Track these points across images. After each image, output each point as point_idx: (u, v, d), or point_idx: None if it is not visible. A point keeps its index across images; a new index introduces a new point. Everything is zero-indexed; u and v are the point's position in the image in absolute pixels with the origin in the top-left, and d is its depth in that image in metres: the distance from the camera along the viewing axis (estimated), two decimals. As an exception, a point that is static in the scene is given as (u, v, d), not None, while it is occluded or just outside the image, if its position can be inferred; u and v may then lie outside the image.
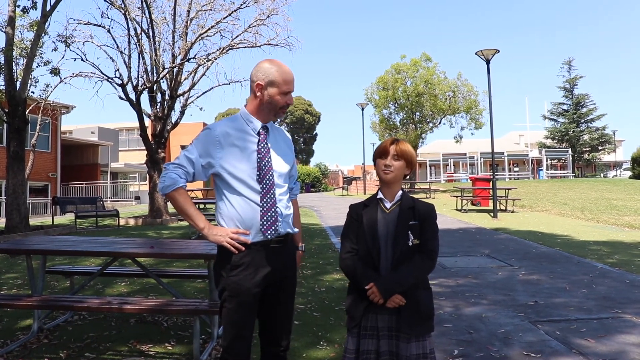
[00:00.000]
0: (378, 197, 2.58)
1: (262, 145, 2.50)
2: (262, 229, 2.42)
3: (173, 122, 17.65)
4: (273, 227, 2.44)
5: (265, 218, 2.43)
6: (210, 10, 17.91)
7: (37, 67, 14.68)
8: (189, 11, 17.28)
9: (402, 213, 2.50)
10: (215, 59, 17.47)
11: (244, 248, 2.40)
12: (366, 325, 2.47)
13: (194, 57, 17.38)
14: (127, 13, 15.73)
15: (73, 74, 16.26)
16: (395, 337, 2.43)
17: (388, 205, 2.54)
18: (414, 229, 2.47)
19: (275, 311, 2.57)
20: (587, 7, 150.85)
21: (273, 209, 2.45)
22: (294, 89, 2.54)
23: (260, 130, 2.53)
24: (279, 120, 2.72)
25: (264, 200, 2.44)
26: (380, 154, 2.56)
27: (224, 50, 17.51)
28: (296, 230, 2.67)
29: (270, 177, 2.47)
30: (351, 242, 2.56)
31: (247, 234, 2.42)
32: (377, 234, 2.49)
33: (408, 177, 2.70)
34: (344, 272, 2.59)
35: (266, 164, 2.48)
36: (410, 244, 2.45)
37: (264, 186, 2.45)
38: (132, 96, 16.21)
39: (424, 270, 2.47)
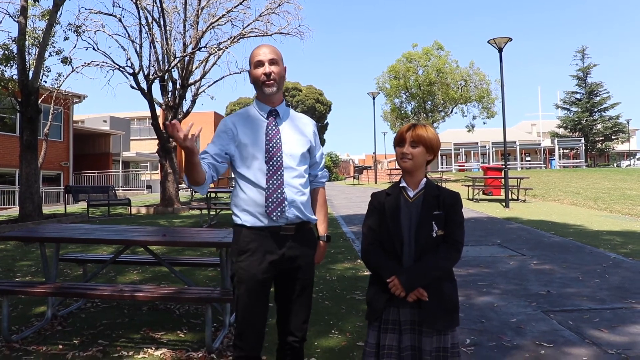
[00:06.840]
0: (401, 185, 2.45)
1: (270, 127, 2.55)
2: (267, 211, 2.43)
3: (184, 111, 17.66)
4: (279, 210, 2.43)
5: (270, 200, 2.44)
6: (221, -2, 17.87)
7: (49, 56, 14.64)
8: (200, 0, 17.24)
9: (426, 202, 2.37)
10: (227, 48, 17.49)
11: (174, 125, 2.10)
12: (387, 318, 2.36)
13: (205, 46, 17.40)
14: (138, 2, 15.72)
15: (85, 63, 16.35)
16: (418, 331, 2.32)
17: (411, 193, 2.41)
18: (438, 219, 2.34)
19: (289, 301, 2.57)
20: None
21: (279, 191, 2.45)
22: (266, 58, 2.53)
23: (269, 113, 2.59)
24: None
25: (270, 182, 2.46)
26: (397, 141, 2.43)
27: (235, 39, 17.49)
28: (313, 218, 2.65)
29: (279, 159, 2.49)
30: (373, 233, 2.45)
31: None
32: (399, 224, 2.37)
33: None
34: (365, 263, 2.50)
35: (274, 145, 2.51)
36: (434, 235, 2.33)
37: (271, 167, 2.47)
38: (144, 85, 16.25)
39: (448, 262, 2.35)
